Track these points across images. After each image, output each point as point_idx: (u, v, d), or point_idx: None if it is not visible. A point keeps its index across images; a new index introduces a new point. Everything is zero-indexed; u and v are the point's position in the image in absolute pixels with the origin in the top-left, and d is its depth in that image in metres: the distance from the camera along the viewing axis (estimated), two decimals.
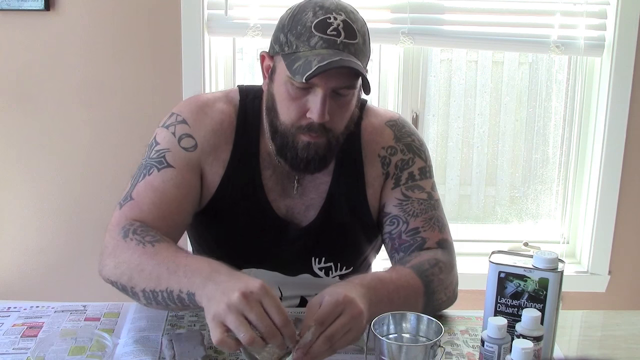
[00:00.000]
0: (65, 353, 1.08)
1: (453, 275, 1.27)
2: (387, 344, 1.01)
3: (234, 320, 0.95)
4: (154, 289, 1.10)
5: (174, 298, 1.07)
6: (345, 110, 1.21)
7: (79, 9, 2.15)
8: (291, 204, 1.32)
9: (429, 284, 1.20)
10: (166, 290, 1.08)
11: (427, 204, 1.31)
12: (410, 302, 1.17)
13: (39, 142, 2.23)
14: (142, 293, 1.12)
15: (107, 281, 1.21)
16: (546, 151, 2.46)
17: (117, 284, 1.18)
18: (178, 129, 1.29)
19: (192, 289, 1.04)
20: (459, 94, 2.43)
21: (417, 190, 1.31)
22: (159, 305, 1.12)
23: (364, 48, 1.18)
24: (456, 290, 1.29)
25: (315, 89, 1.15)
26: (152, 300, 1.12)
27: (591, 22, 2.20)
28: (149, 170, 1.26)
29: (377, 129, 1.35)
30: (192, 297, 1.04)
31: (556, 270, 1.06)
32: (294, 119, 1.19)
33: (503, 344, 1.02)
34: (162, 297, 1.09)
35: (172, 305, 1.10)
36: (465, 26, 2.20)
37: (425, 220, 1.29)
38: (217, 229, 1.35)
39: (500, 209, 2.53)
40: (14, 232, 2.32)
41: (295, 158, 1.22)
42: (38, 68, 2.20)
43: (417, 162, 1.34)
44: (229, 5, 2.16)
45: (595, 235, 2.32)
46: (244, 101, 1.33)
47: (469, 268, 2.26)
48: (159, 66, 2.19)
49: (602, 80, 2.25)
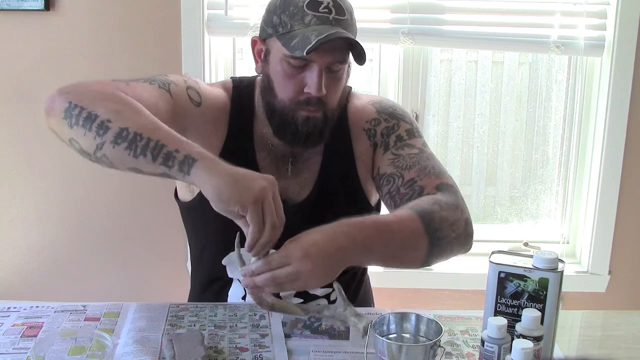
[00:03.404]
0: (65, 353, 1.07)
1: (460, 212, 1.22)
2: (387, 344, 1.01)
3: (268, 200, 1.03)
4: (138, 130, 1.03)
5: (160, 152, 1.02)
6: (339, 85, 1.28)
7: (79, 9, 2.15)
8: (285, 185, 1.34)
9: (430, 223, 1.15)
10: (155, 141, 1.02)
11: (418, 156, 1.32)
12: (410, 243, 1.14)
13: (39, 142, 2.23)
14: (119, 130, 1.03)
15: (62, 108, 1.07)
16: (546, 151, 2.46)
17: (79, 109, 1.05)
18: (190, 81, 1.33)
19: (196, 156, 1.02)
20: (459, 94, 2.43)
21: (406, 148, 1.34)
22: (127, 150, 1.03)
23: (352, 24, 1.26)
24: (469, 228, 1.23)
25: (312, 65, 1.22)
26: (125, 141, 1.03)
27: (591, 22, 2.20)
28: (151, 81, 1.25)
29: (360, 108, 1.41)
30: (190, 163, 1.01)
31: (556, 270, 1.06)
32: (292, 95, 1.25)
33: (503, 344, 1.02)
34: (143, 143, 1.02)
35: (149, 157, 1.02)
36: (465, 26, 2.20)
37: (420, 170, 1.29)
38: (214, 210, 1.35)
39: (500, 209, 2.53)
40: (14, 232, 2.32)
41: (296, 133, 1.27)
42: (38, 68, 2.20)
43: (402, 126, 1.38)
44: (229, 5, 2.16)
45: (595, 235, 2.32)
46: (238, 88, 1.39)
47: (469, 268, 2.26)
48: (159, 66, 2.19)
49: (602, 80, 2.25)
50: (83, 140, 1.06)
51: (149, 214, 2.31)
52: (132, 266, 2.36)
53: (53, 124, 1.11)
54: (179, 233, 2.30)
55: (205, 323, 1.24)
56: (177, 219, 2.28)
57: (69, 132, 1.08)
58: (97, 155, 1.07)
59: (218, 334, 1.20)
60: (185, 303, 1.32)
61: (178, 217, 2.28)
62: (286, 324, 1.24)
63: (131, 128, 1.04)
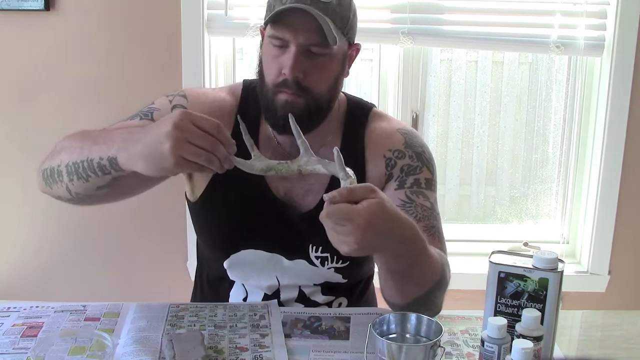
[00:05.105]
0: (65, 353, 1.07)
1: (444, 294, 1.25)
2: (387, 344, 1.01)
3: (189, 151, 1.02)
4: (75, 160, 1.15)
5: (94, 167, 1.13)
6: (322, 71, 1.25)
7: (79, 9, 2.15)
8: (290, 187, 1.33)
9: (441, 280, 1.19)
10: (86, 160, 1.13)
11: (429, 212, 1.29)
12: (425, 280, 1.16)
13: (39, 142, 2.23)
14: (66, 169, 1.17)
15: (40, 177, 1.24)
16: (546, 151, 2.46)
17: (46, 171, 1.22)
18: (176, 100, 1.34)
19: (111, 153, 1.10)
20: (459, 94, 2.43)
21: (421, 197, 1.30)
22: (80, 179, 1.16)
23: (339, 9, 1.23)
24: (439, 309, 1.26)
25: (289, 46, 1.21)
26: (74, 174, 1.16)
27: (591, 22, 2.20)
28: (132, 117, 1.31)
29: (386, 132, 1.36)
30: (115, 162, 1.10)
31: (556, 270, 1.06)
32: (273, 77, 1.25)
33: (503, 344, 1.02)
34: (82, 168, 1.14)
35: (93, 175, 1.14)
36: (465, 26, 2.20)
37: (426, 228, 1.27)
38: (217, 209, 1.35)
39: (500, 209, 2.53)
40: (13, 232, 2.32)
41: (275, 117, 1.26)
42: (38, 68, 2.20)
43: (424, 172, 1.33)
44: (229, 5, 2.16)
45: (595, 235, 2.32)
46: (247, 89, 1.38)
47: (469, 268, 2.27)
48: (159, 66, 2.19)
49: (602, 80, 2.25)
50: (60, 192, 1.21)
51: (149, 214, 2.31)
52: (132, 266, 2.36)
53: (45, 192, 1.26)
54: (179, 233, 2.32)
55: (205, 323, 1.24)
56: (177, 219, 2.29)
57: (52, 192, 1.24)
58: (76, 196, 1.20)
59: (218, 334, 1.20)
60: (185, 303, 1.32)
61: (178, 218, 2.29)
62: (286, 324, 1.24)
63: (69, 161, 1.17)
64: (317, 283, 1.37)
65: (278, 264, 1.35)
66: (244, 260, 1.35)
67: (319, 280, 1.36)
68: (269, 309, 1.29)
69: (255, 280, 1.37)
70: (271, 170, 1.10)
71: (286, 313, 1.29)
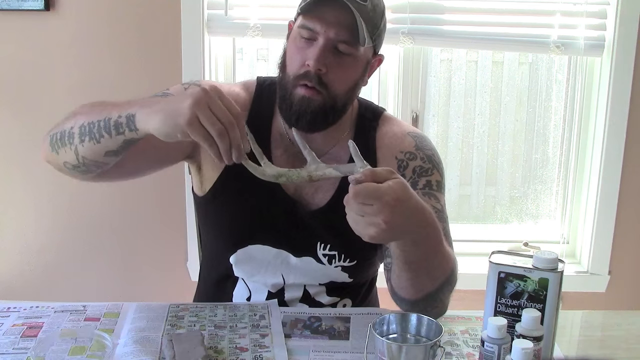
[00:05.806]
0: (65, 353, 1.08)
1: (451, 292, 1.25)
2: (387, 344, 1.01)
3: (206, 114, 1.01)
4: (92, 120, 1.14)
5: (110, 126, 1.11)
6: (345, 71, 1.25)
7: (79, 9, 2.15)
8: (300, 184, 1.33)
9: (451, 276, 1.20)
10: (104, 120, 1.12)
11: (440, 215, 1.28)
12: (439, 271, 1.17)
13: (39, 142, 2.23)
14: (79, 129, 1.15)
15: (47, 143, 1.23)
16: (546, 151, 2.46)
17: (55, 135, 1.20)
18: (191, 88, 1.31)
19: (132, 110, 1.09)
20: (459, 94, 2.43)
21: (433, 199, 1.30)
22: (91, 140, 1.14)
23: (372, 14, 1.23)
24: (445, 308, 1.26)
25: (317, 39, 1.21)
26: (87, 135, 1.14)
27: (591, 22, 2.20)
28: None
29: (397, 135, 1.37)
30: (132, 120, 1.08)
31: (556, 270, 1.06)
32: (296, 68, 1.24)
33: (503, 344, 1.02)
34: (97, 128, 1.12)
35: (107, 136, 1.12)
36: (465, 26, 2.20)
37: None
38: (226, 205, 1.35)
39: (500, 209, 2.53)
40: (14, 232, 2.32)
41: (289, 110, 1.25)
42: (38, 68, 2.20)
43: (435, 175, 1.34)
44: (229, 5, 2.16)
45: (595, 235, 2.32)
46: (261, 86, 1.39)
47: (469, 268, 2.26)
48: (159, 66, 2.19)
49: (602, 80, 2.25)
50: (67, 157, 1.19)
51: (149, 214, 2.31)
52: (132, 266, 2.36)
53: (49, 160, 1.25)
54: (179, 233, 2.32)
55: (205, 323, 1.24)
56: (177, 219, 2.30)
57: (57, 158, 1.22)
58: (82, 162, 1.18)
59: (218, 334, 1.20)
60: (185, 303, 1.32)
61: (178, 217, 2.29)
62: (286, 324, 1.24)
63: (85, 122, 1.15)
64: (322, 282, 1.36)
65: (285, 260, 1.35)
66: (250, 255, 1.35)
67: (325, 279, 1.36)
68: (269, 309, 1.29)
69: (260, 276, 1.37)
70: (282, 176, 1.11)
71: (286, 313, 1.29)
